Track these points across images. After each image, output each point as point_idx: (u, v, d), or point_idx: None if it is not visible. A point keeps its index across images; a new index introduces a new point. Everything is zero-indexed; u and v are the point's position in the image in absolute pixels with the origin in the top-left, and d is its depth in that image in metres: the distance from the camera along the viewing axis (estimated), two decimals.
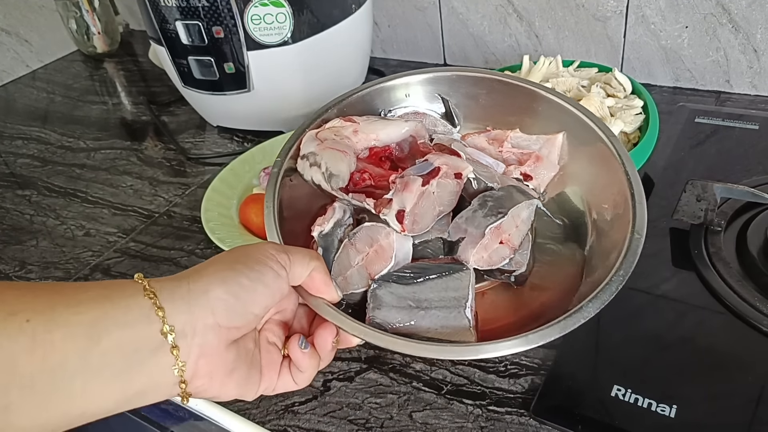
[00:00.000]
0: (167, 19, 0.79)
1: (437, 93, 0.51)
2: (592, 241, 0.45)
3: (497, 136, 0.50)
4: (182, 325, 0.33)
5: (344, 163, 0.44)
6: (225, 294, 0.34)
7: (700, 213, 0.58)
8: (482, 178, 0.44)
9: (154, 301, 0.32)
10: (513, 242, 0.43)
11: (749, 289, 0.52)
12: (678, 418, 0.44)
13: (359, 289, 0.41)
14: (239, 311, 0.35)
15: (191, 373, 0.34)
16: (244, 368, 0.37)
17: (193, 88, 0.86)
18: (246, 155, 0.81)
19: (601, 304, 0.37)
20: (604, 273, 0.39)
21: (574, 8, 0.86)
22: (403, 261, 0.43)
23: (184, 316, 0.33)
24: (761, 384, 0.45)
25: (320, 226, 0.43)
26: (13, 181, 0.92)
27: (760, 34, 0.76)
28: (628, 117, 0.65)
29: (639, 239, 0.40)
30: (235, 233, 0.69)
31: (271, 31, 0.77)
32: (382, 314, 0.39)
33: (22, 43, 1.27)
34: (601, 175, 0.46)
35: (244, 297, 0.35)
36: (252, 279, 0.35)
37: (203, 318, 0.34)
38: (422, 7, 0.99)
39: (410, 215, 0.41)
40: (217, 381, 0.35)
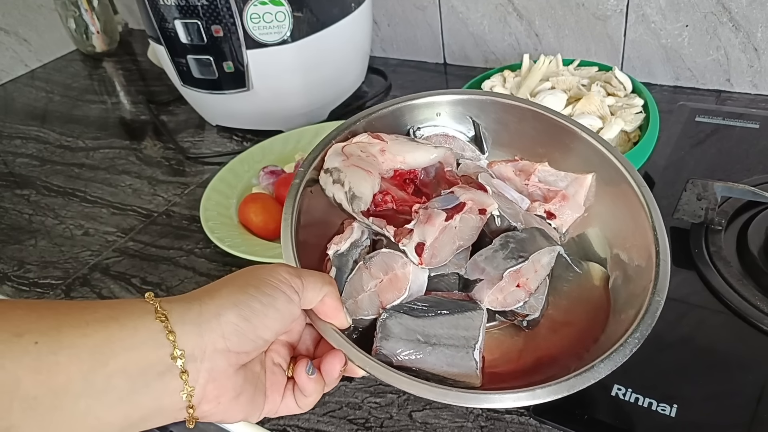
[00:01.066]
0: (166, 18, 0.78)
1: (469, 115, 0.50)
2: (612, 285, 0.44)
3: (524, 167, 0.49)
4: (192, 350, 0.32)
5: (368, 185, 0.43)
6: (236, 318, 0.34)
7: (701, 212, 0.58)
8: (506, 216, 0.43)
9: (165, 325, 0.32)
10: (530, 286, 0.42)
11: (750, 288, 0.52)
12: (678, 418, 0.44)
13: (369, 315, 0.41)
14: (250, 336, 0.34)
15: (199, 398, 0.33)
16: (250, 391, 0.36)
17: (192, 87, 0.86)
18: (245, 154, 0.81)
19: (614, 365, 0.36)
20: (620, 329, 0.38)
21: (575, 7, 0.86)
22: (417, 293, 0.42)
23: (194, 340, 0.32)
24: (762, 383, 0.45)
25: (336, 245, 0.43)
26: (12, 181, 0.91)
27: (760, 33, 0.76)
28: (628, 116, 0.65)
29: (659, 302, 0.39)
30: (234, 233, 0.69)
31: (271, 29, 0.77)
32: (389, 345, 0.39)
33: (21, 42, 1.26)
34: (627, 222, 0.44)
35: (255, 322, 0.34)
36: (264, 304, 0.35)
37: (213, 343, 0.33)
38: (422, 6, 0.99)
39: (430, 249, 0.41)
40: (224, 405, 0.35)
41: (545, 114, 0.48)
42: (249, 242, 0.67)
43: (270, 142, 0.84)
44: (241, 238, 0.68)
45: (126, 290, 0.67)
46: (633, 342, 0.37)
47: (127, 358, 0.30)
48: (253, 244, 0.67)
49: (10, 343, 0.28)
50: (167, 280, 0.68)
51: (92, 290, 0.68)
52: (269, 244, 0.68)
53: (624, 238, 0.44)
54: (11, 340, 0.28)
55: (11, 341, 0.28)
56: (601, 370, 0.36)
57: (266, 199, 0.72)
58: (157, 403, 0.32)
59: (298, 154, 0.82)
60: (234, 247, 0.65)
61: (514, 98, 0.50)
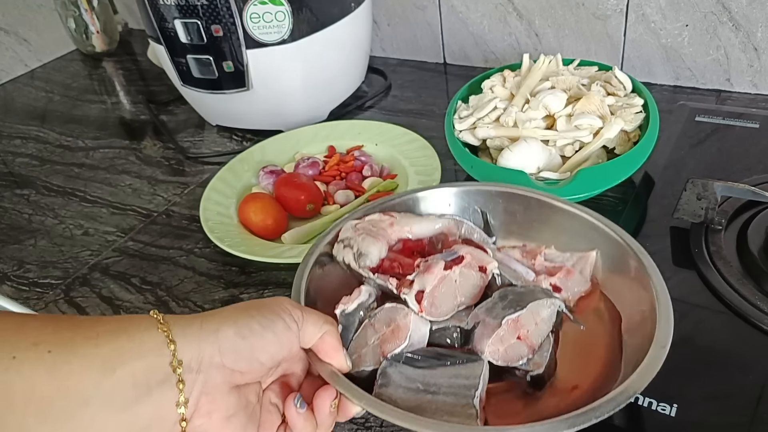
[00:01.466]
0: (166, 18, 0.78)
1: (476, 206, 0.54)
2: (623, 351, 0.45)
3: (531, 250, 0.52)
4: (189, 360, 0.34)
5: (375, 247, 0.46)
6: (234, 335, 0.35)
7: (701, 212, 0.58)
8: (506, 275, 0.45)
9: (167, 334, 0.34)
10: (532, 340, 0.42)
11: (750, 288, 0.52)
12: (678, 417, 0.44)
13: (370, 366, 0.42)
14: (246, 355, 0.36)
15: (192, 410, 0.35)
16: (242, 418, 0.37)
17: (192, 86, 0.86)
18: (245, 154, 0.81)
19: (616, 407, 0.36)
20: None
21: (574, 7, 0.86)
22: (418, 344, 0.43)
23: (192, 351, 0.34)
24: (762, 383, 0.45)
25: (344, 305, 0.44)
26: (12, 181, 0.91)
27: (760, 33, 0.76)
28: (628, 115, 0.65)
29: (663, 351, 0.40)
30: (234, 232, 0.69)
31: (270, 29, 0.77)
32: (388, 392, 0.40)
33: (21, 42, 1.26)
34: (633, 290, 0.46)
35: (252, 341, 0.36)
36: (263, 326, 0.37)
37: (210, 356, 0.35)
38: (422, 5, 0.99)
39: (429, 297, 0.42)
40: (216, 423, 0.36)
41: (548, 201, 0.52)
42: (248, 242, 0.67)
43: (270, 142, 0.84)
44: (240, 237, 0.68)
45: (125, 290, 0.67)
46: (633, 388, 0.37)
47: (134, 367, 0.32)
48: (253, 244, 0.67)
49: (27, 351, 0.30)
50: (167, 280, 0.68)
51: (92, 290, 0.68)
52: (269, 244, 0.67)
53: (630, 303, 0.46)
54: (29, 349, 0.30)
55: (28, 350, 0.30)
56: (602, 410, 0.36)
57: (266, 199, 0.71)
58: (156, 413, 0.33)
59: (298, 154, 0.82)
60: (233, 247, 0.65)
61: (518, 188, 0.53)
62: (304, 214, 0.72)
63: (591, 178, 0.60)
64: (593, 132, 0.65)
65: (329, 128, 0.87)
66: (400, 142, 0.81)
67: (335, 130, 0.86)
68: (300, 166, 0.78)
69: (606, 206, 0.66)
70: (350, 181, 0.76)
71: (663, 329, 0.41)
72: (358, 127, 0.86)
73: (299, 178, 0.74)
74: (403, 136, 0.81)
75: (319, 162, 0.79)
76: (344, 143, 0.84)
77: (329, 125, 0.87)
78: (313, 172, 0.78)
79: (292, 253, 0.64)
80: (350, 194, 0.74)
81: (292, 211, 0.72)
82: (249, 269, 0.67)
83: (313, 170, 0.78)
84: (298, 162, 0.79)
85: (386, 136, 0.83)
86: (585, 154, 0.64)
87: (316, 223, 0.70)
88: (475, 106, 0.71)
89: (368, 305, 0.45)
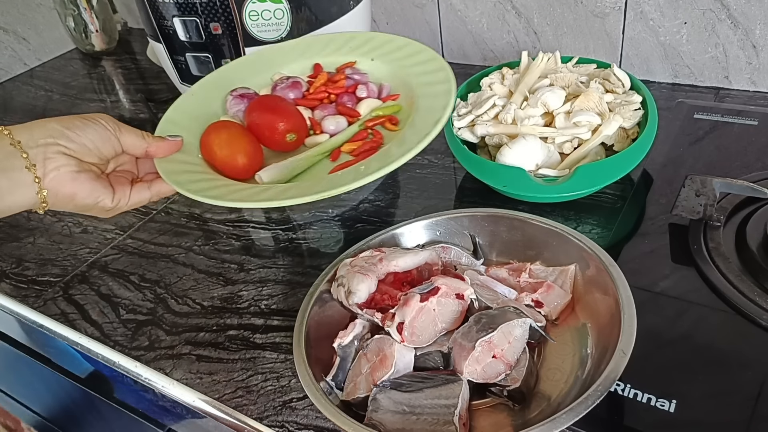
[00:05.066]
0: (165, 16, 0.78)
1: (465, 231, 0.58)
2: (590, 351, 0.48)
3: (517, 268, 0.56)
4: (26, 140, 0.47)
5: (364, 284, 0.50)
6: (60, 126, 0.48)
7: (700, 208, 0.58)
8: (483, 299, 0.49)
9: (1, 129, 0.47)
10: (507, 358, 0.46)
11: (749, 284, 0.52)
12: (677, 414, 0.44)
13: (363, 393, 0.46)
14: (73, 138, 0.48)
15: (42, 172, 0.47)
16: (91, 174, 0.50)
17: (191, 85, 0.86)
18: (209, 77, 0.67)
19: (576, 416, 0.40)
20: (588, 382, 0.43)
21: (573, 5, 0.86)
22: (404, 369, 0.47)
23: (27, 135, 0.47)
24: (761, 379, 0.45)
25: (341, 338, 0.49)
26: None
27: (759, 30, 0.76)
28: (626, 112, 0.65)
29: (623, 358, 0.43)
30: (196, 172, 0.56)
31: (269, 27, 0.77)
32: (378, 416, 0.44)
33: (20, 41, 1.26)
34: (604, 301, 0.49)
35: (75, 131, 0.49)
36: (85, 123, 0.50)
37: (43, 138, 0.47)
38: (420, 4, 0.99)
39: (409, 327, 0.47)
40: (67, 175, 0.48)
41: (529, 220, 0.56)
42: (214, 183, 0.55)
43: (240, 63, 0.69)
44: (202, 177, 0.55)
45: (124, 287, 0.67)
46: (595, 395, 0.40)
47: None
48: (219, 185, 0.54)
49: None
50: (166, 277, 0.68)
51: (90, 287, 0.68)
52: (239, 185, 0.55)
53: (598, 311, 0.49)
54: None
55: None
56: (563, 420, 0.39)
57: (234, 128, 0.57)
58: (9, 176, 0.46)
59: (276, 75, 0.69)
60: (196, 192, 0.53)
61: (500, 211, 0.58)
62: (284, 147, 0.58)
63: (589, 174, 0.60)
64: (592, 129, 0.65)
65: (313, 44, 0.71)
66: (401, 56, 0.66)
67: (321, 46, 0.71)
68: (278, 88, 0.64)
69: (604, 203, 0.66)
70: (341, 104, 0.62)
71: (626, 337, 0.44)
72: (347, 40, 0.69)
73: (277, 101, 0.60)
74: (405, 47, 0.66)
75: (301, 83, 0.65)
76: (333, 60, 0.69)
77: (312, 39, 0.72)
78: (295, 95, 0.64)
79: (268, 194, 0.51)
80: (342, 120, 0.61)
81: (269, 143, 0.58)
82: (248, 266, 0.67)
83: (294, 93, 0.64)
84: (275, 83, 0.65)
85: (384, 49, 0.67)
86: (583, 151, 0.64)
87: (299, 158, 0.56)
88: (473, 104, 0.71)
89: (362, 336, 0.50)
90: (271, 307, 0.62)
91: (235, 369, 0.56)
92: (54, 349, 0.73)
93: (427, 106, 0.57)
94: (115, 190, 0.52)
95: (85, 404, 0.79)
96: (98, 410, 0.76)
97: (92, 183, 0.50)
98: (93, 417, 0.81)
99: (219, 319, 0.61)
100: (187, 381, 0.56)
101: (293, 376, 0.54)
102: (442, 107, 0.55)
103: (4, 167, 0.46)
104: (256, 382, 0.54)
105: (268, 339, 0.58)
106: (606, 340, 0.46)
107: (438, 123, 0.53)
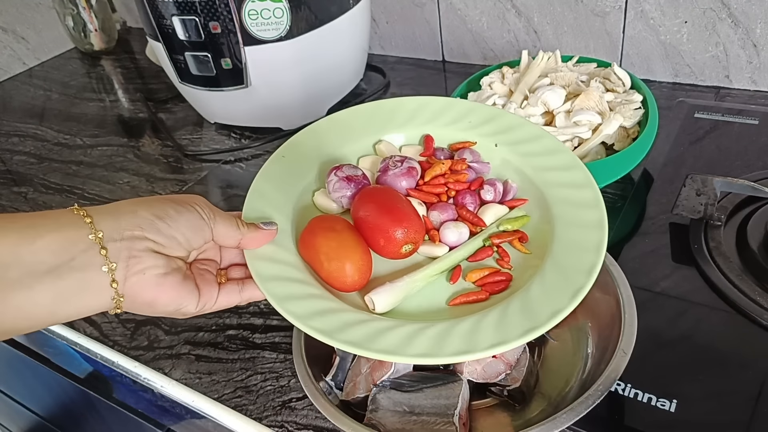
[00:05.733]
0: (164, 15, 0.78)
1: None
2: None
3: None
4: (110, 231, 0.37)
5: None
6: (150, 215, 0.39)
7: (700, 207, 0.58)
8: None
9: (82, 213, 0.37)
10: (507, 358, 0.46)
11: (749, 284, 0.52)
12: (678, 413, 0.44)
13: (363, 393, 0.46)
14: (164, 231, 0.39)
15: (123, 273, 0.38)
16: (178, 276, 0.41)
17: (190, 84, 0.86)
18: (300, 137, 0.54)
19: (577, 415, 0.40)
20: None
21: (573, 4, 0.86)
22: (404, 369, 0.47)
23: (111, 224, 0.38)
24: (762, 378, 0.45)
25: None
26: (10, 178, 0.91)
27: (759, 29, 0.76)
28: (627, 111, 0.65)
29: (624, 357, 0.43)
30: (295, 275, 0.44)
31: (269, 26, 0.77)
32: (378, 416, 0.44)
33: (19, 40, 1.26)
34: (605, 300, 0.49)
35: (168, 222, 0.40)
36: (178, 211, 0.40)
37: (131, 229, 0.38)
38: (420, 3, 0.99)
39: None
40: (151, 280, 0.39)
41: None
42: (320, 305, 0.42)
43: (336, 122, 0.56)
44: (304, 290, 0.43)
45: None
46: (596, 395, 0.41)
47: (52, 238, 0.35)
48: (325, 308, 0.42)
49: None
50: None
51: None
52: (355, 315, 0.42)
53: (599, 311, 0.49)
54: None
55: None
56: (564, 420, 0.40)
57: (344, 233, 0.45)
58: (83, 277, 0.36)
59: (382, 144, 0.55)
60: (307, 321, 0.40)
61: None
62: (396, 257, 0.46)
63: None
64: (592, 128, 0.64)
65: (424, 107, 0.57)
66: (532, 150, 0.52)
67: (434, 113, 0.57)
68: (389, 174, 0.50)
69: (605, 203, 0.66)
70: (463, 206, 0.50)
71: (627, 337, 0.44)
72: (466, 113, 0.56)
73: (393, 199, 0.47)
74: (539, 140, 0.52)
75: (417, 169, 0.51)
76: (445, 134, 0.55)
77: (424, 101, 0.58)
78: (408, 184, 0.50)
79: (421, 347, 0.39)
80: (464, 231, 0.48)
81: (380, 251, 0.46)
82: None
83: (408, 181, 0.50)
84: (386, 164, 0.51)
85: (511, 136, 0.53)
86: (584, 150, 0.64)
87: (416, 279, 0.45)
88: None
89: None
90: (270, 306, 0.61)
91: (235, 369, 0.56)
92: (53, 349, 0.73)
93: (572, 239, 0.45)
94: (201, 292, 0.42)
95: (84, 404, 0.79)
96: (97, 410, 0.76)
97: (178, 288, 0.40)
98: (92, 417, 0.81)
99: (218, 319, 0.61)
100: (187, 381, 0.55)
101: (293, 375, 0.54)
102: (594, 247, 0.43)
103: (77, 265, 0.36)
104: (256, 382, 0.54)
105: (268, 339, 0.58)
106: (606, 339, 0.46)
107: (592, 271, 0.41)
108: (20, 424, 1.06)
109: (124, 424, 0.71)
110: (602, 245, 0.43)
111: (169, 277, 0.40)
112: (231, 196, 0.80)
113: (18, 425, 1.07)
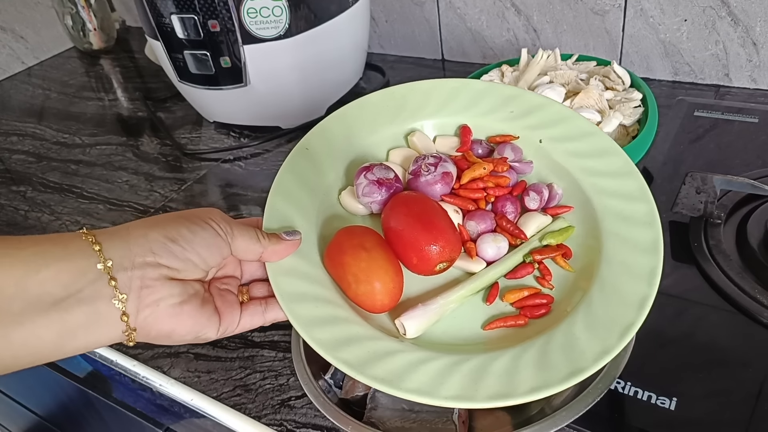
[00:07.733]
0: (162, 13, 0.78)
1: None
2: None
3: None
4: (120, 260, 0.34)
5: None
6: (163, 238, 0.36)
7: (700, 205, 0.57)
8: None
9: (91, 239, 0.34)
10: None
11: (749, 282, 0.52)
12: (678, 411, 0.44)
13: (362, 391, 0.46)
14: (178, 254, 0.36)
15: (135, 305, 0.35)
16: (196, 302, 0.37)
17: (189, 82, 0.86)
18: (324, 124, 0.49)
19: (576, 414, 0.40)
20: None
21: (573, 2, 0.86)
22: None
23: (121, 251, 0.34)
24: (762, 376, 0.45)
25: None
26: (8, 177, 0.91)
27: (759, 27, 0.76)
28: (626, 110, 0.65)
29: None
30: (321, 293, 0.41)
31: (268, 24, 0.77)
32: (377, 414, 0.44)
33: (18, 39, 1.26)
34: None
35: (182, 243, 0.36)
36: (192, 231, 0.37)
37: (142, 255, 0.35)
38: (420, 2, 0.99)
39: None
40: (166, 310, 0.36)
41: None
42: (348, 330, 0.39)
43: (365, 108, 0.50)
44: (331, 313, 0.40)
45: None
46: (595, 393, 0.40)
47: (59, 268, 0.33)
48: (352, 335, 0.39)
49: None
50: None
51: None
52: (385, 344, 0.39)
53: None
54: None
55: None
56: (564, 418, 0.39)
57: (374, 250, 0.41)
58: (92, 310, 0.33)
59: (415, 136, 0.50)
60: (335, 353, 0.37)
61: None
62: (427, 274, 0.42)
63: None
64: None
65: (460, 91, 0.51)
66: (580, 149, 0.46)
67: (471, 99, 0.51)
68: (420, 179, 0.45)
69: None
70: (502, 215, 0.45)
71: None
72: (507, 100, 0.50)
73: (429, 210, 0.42)
74: (589, 137, 0.46)
75: (452, 173, 0.46)
76: (482, 123, 0.49)
77: (459, 84, 0.52)
78: (443, 190, 0.45)
79: (452, 388, 0.36)
80: (504, 244, 0.44)
81: (413, 267, 0.42)
82: None
83: (442, 187, 0.45)
84: (418, 167, 0.46)
85: (557, 131, 0.47)
86: None
87: (449, 301, 0.41)
88: None
89: None
90: None
91: (234, 367, 0.56)
92: None
93: (623, 261, 0.40)
94: (222, 316, 0.39)
95: (83, 403, 0.79)
96: (96, 409, 0.76)
97: (196, 317, 0.37)
98: (91, 416, 0.81)
99: None
100: (185, 380, 0.55)
101: (292, 374, 0.54)
102: (647, 274, 0.38)
103: (85, 297, 0.33)
104: (255, 380, 0.54)
105: (267, 337, 0.58)
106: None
107: (643, 306, 0.37)
108: (20, 423, 1.06)
109: (124, 423, 0.71)
110: (656, 273, 0.38)
111: (185, 305, 0.36)
112: (230, 195, 0.80)
113: (17, 425, 1.07)
